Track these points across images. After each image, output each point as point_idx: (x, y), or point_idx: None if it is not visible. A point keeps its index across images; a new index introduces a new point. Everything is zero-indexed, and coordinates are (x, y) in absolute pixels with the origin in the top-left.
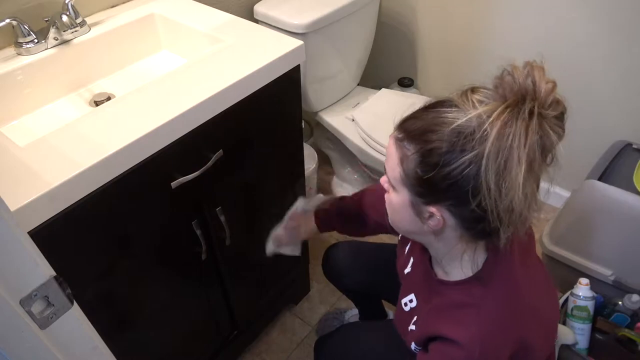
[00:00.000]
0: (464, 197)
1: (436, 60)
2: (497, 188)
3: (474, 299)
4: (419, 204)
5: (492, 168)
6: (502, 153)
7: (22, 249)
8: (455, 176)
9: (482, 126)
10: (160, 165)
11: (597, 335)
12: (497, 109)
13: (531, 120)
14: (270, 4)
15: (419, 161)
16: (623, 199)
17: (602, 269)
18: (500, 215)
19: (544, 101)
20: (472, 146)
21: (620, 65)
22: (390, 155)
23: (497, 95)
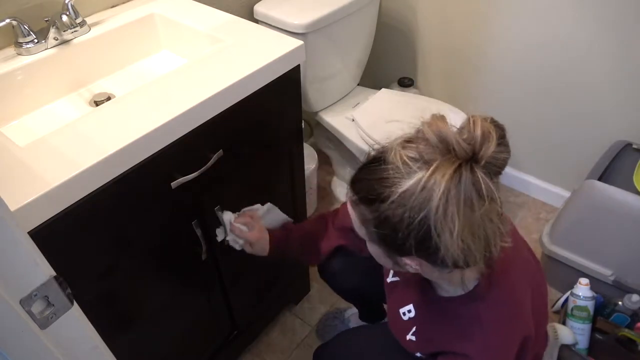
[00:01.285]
0: (427, 250)
1: (436, 60)
2: (443, 242)
3: (475, 312)
4: (392, 255)
5: (440, 223)
6: (440, 212)
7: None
8: (413, 236)
9: (416, 192)
10: (160, 165)
11: (597, 335)
12: (425, 175)
13: (461, 175)
14: (270, 4)
15: (377, 227)
16: (623, 199)
17: (602, 269)
18: (465, 258)
19: (475, 152)
20: (418, 209)
21: (620, 65)
22: (351, 215)
23: (424, 151)
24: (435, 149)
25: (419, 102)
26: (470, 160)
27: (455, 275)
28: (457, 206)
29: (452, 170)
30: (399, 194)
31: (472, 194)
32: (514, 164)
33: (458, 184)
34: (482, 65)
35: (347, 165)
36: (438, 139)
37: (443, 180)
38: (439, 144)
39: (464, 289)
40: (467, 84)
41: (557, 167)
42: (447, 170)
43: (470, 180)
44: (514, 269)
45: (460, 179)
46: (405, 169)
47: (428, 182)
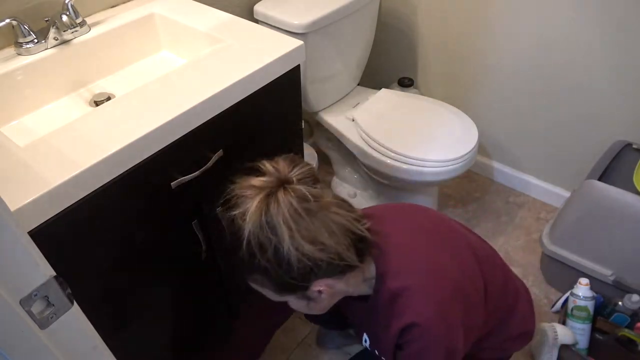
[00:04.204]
0: (310, 269)
1: (436, 60)
2: (305, 255)
3: (390, 290)
4: (304, 294)
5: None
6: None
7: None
8: (291, 268)
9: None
10: (160, 165)
11: (597, 335)
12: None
13: (272, 200)
14: (270, 4)
15: (267, 281)
16: (623, 199)
17: (602, 269)
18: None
19: (286, 177)
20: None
21: (620, 65)
22: (255, 287)
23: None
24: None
25: (419, 102)
26: (280, 185)
27: (360, 274)
28: (283, 222)
29: (264, 198)
30: (245, 244)
31: (297, 203)
32: (514, 164)
33: (278, 205)
34: (482, 66)
35: (347, 165)
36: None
37: (259, 209)
38: (251, 190)
39: (373, 279)
40: (467, 84)
41: (557, 167)
42: (257, 201)
43: (287, 195)
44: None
45: (276, 200)
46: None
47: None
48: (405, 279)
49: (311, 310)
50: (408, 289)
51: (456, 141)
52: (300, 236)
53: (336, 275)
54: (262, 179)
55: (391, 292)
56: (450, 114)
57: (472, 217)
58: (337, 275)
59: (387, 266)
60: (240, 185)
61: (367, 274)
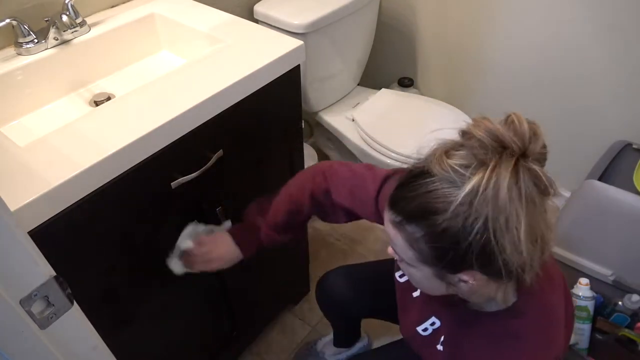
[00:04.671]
0: (487, 260)
1: (436, 60)
2: (509, 245)
3: (515, 329)
4: (444, 274)
5: (499, 230)
6: (502, 214)
7: (22, 249)
8: (472, 247)
9: (478, 195)
10: (160, 165)
11: (597, 335)
12: (484, 176)
13: (518, 171)
14: (270, 4)
15: (432, 244)
16: (623, 199)
17: (602, 269)
18: (521, 265)
19: (526, 147)
20: (476, 217)
21: (620, 65)
22: (394, 238)
23: (473, 155)
24: (487, 149)
25: (419, 102)
26: (522, 155)
27: (500, 289)
28: (520, 203)
29: (511, 167)
30: (458, 201)
31: (532, 188)
32: None
33: (518, 181)
34: (482, 66)
35: None
36: (491, 137)
37: (505, 179)
38: (492, 142)
39: (502, 304)
40: (467, 84)
41: (557, 167)
42: (506, 167)
43: (528, 175)
44: (552, 284)
45: (518, 175)
46: (458, 177)
47: (489, 183)
48: (533, 334)
49: (429, 288)
50: (527, 344)
51: None
52: (526, 228)
53: (494, 277)
54: (514, 138)
55: (512, 331)
56: (450, 113)
57: None
58: (495, 276)
59: (531, 307)
60: (479, 124)
61: (503, 291)
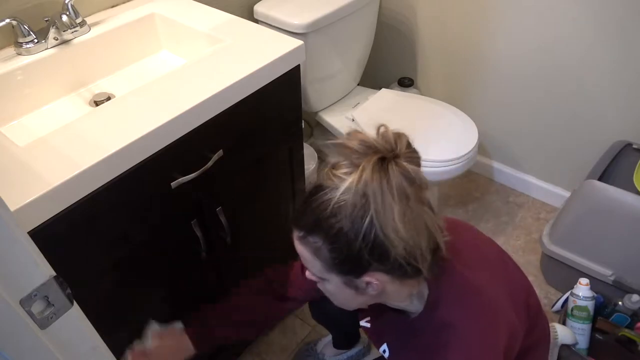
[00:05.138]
0: (382, 255)
1: (436, 60)
2: (392, 234)
3: (441, 320)
4: (352, 280)
5: (382, 221)
6: (379, 206)
7: (22, 249)
8: (365, 243)
9: (351, 191)
10: (160, 165)
11: (597, 335)
12: (357, 173)
13: (386, 168)
14: (270, 3)
15: (331, 248)
16: (623, 199)
17: (602, 269)
18: (412, 255)
19: (393, 148)
20: (361, 214)
21: (620, 65)
22: (302, 254)
23: (351, 162)
24: (360, 154)
25: (419, 102)
26: (391, 155)
27: (412, 286)
28: (392, 195)
29: (377, 163)
30: (336, 199)
31: (403, 182)
32: (514, 164)
33: (387, 175)
34: (482, 66)
35: None
36: (359, 142)
37: (373, 174)
38: (363, 147)
39: (424, 298)
40: (467, 84)
41: (557, 167)
42: (373, 164)
43: (397, 170)
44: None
45: (387, 170)
46: (339, 182)
47: (360, 180)
48: (462, 313)
49: (345, 301)
50: (462, 325)
51: (456, 141)
52: (401, 216)
53: (395, 275)
54: (379, 140)
55: (443, 321)
56: (451, 114)
57: (472, 217)
58: (396, 275)
59: (444, 292)
60: (352, 137)
61: (416, 290)
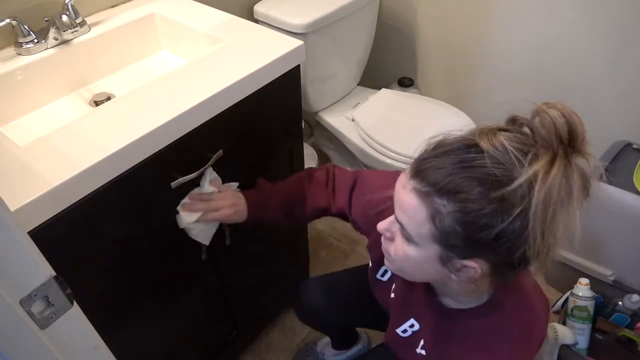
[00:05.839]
0: (507, 250)
1: (436, 60)
2: (543, 238)
3: (496, 322)
4: (451, 258)
5: (540, 221)
6: (551, 206)
7: (22, 249)
8: (502, 234)
9: (534, 185)
10: (160, 165)
11: (597, 335)
12: (543, 167)
13: (572, 167)
14: (270, 3)
15: (462, 221)
16: (623, 199)
17: (602, 269)
18: (538, 259)
19: (581, 143)
20: (519, 202)
21: (620, 65)
22: (412, 209)
23: (526, 138)
24: (543, 139)
25: (419, 102)
26: (574, 152)
27: (484, 284)
28: (569, 199)
29: (564, 165)
30: (512, 187)
31: (579, 187)
32: None
33: (569, 176)
34: (482, 66)
35: (347, 165)
36: (552, 129)
37: (557, 175)
38: (550, 134)
39: (479, 300)
40: (467, 84)
41: None
42: (564, 162)
43: (577, 174)
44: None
45: (571, 170)
46: (515, 160)
47: (547, 177)
48: (513, 326)
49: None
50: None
51: None
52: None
53: (497, 270)
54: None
55: (492, 325)
56: (450, 114)
57: None
58: (499, 270)
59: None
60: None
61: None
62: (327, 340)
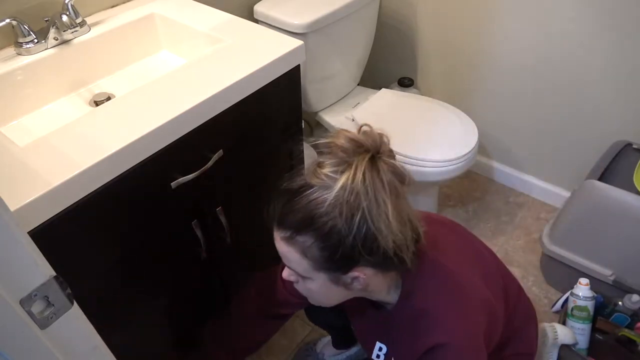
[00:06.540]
0: (372, 249)
1: (436, 60)
2: (383, 228)
3: (417, 307)
4: (339, 277)
5: (374, 216)
6: (372, 202)
7: (22, 249)
8: (357, 239)
9: (346, 190)
10: (160, 165)
11: (597, 335)
12: (350, 173)
13: (377, 165)
14: (270, 4)
15: (322, 246)
16: (623, 199)
17: (602, 269)
18: (399, 246)
19: (378, 146)
20: (353, 212)
21: (620, 65)
22: (288, 254)
23: (340, 160)
24: (348, 152)
25: (419, 102)
26: (377, 153)
27: (392, 278)
28: (385, 192)
29: (370, 162)
30: (332, 196)
31: (393, 178)
32: (514, 164)
33: (379, 173)
34: (482, 66)
35: None
36: (348, 140)
37: (368, 171)
38: (351, 145)
39: (400, 289)
40: (467, 84)
41: (557, 167)
42: (367, 163)
43: (387, 167)
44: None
45: (378, 167)
46: (330, 181)
47: (355, 178)
48: (435, 299)
49: (325, 299)
50: (437, 310)
51: (456, 141)
52: (393, 211)
53: (381, 268)
54: (367, 138)
55: (418, 309)
56: (450, 114)
57: (472, 217)
58: (382, 267)
59: (417, 280)
60: (340, 135)
61: (395, 281)
62: (327, 340)
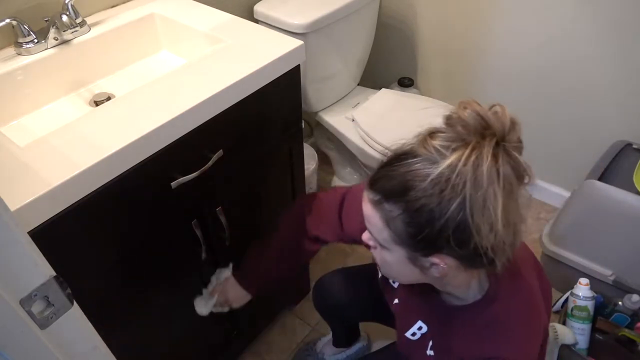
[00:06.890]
0: (462, 242)
1: (436, 60)
2: (485, 225)
3: (495, 314)
4: (417, 257)
5: (476, 209)
6: (480, 192)
7: (22, 249)
8: (448, 226)
9: (456, 171)
10: (160, 165)
11: (597, 335)
12: (464, 153)
13: (497, 153)
14: (270, 4)
15: (409, 221)
16: (623, 199)
17: (602, 269)
18: (493, 248)
19: (506, 133)
20: (452, 195)
21: (620, 65)
22: (370, 217)
23: (456, 136)
24: (469, 129)
25: (419, 102)
26: (503, 139)
27: (473, 277)
28: (499, 185)
29: (492, 148)
30: (435, 174)
31: (510, 173)
32: None
33: (497, 163)
34: (482, 66)
35: (347, 165)
36: (476, 117)
37: (487, 157)
38: (476, 122)
39: (478, 294)
40: (467, 84)
41: (557, 167)
42: (488, 147)
43: (507, 159)
44: (524, 265)
45: (498, 157)
46: (439, 155)
47: (468, 160)
48: (515, 315)
49: (398, 275)
50: (512, 326)
51: None
52: (501, 210)
53: (465, 262)
54: (491, 118)
55: (495, 317)
56: None
57: None
58: (466, 262)
59: (502, 287)
60: (469, 105)
61: (477, 279)
62: (327, 340)
